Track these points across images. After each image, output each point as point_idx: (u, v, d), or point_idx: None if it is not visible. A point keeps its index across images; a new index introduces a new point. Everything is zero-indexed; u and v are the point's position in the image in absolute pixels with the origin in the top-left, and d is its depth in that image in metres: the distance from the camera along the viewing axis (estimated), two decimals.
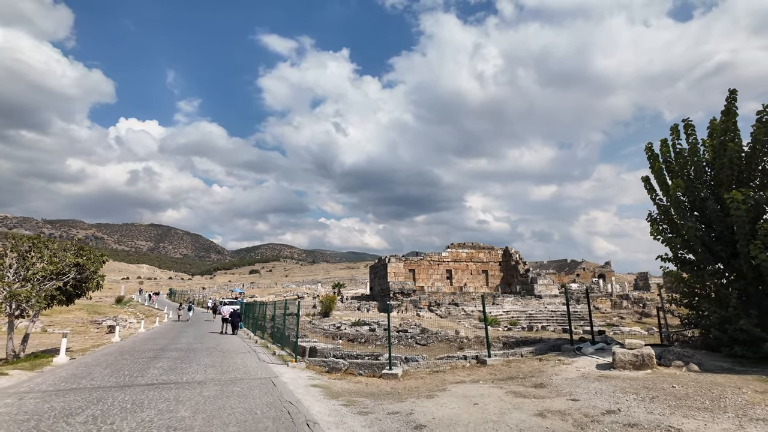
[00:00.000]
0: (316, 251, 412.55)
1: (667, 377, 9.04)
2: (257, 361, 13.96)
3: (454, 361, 12.15)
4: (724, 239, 11.72)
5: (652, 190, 13.82)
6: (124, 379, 10.66)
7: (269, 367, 12.81)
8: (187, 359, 14.32)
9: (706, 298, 12.08)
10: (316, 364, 12.92)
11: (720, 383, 8.35)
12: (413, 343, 19.33)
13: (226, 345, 19.37)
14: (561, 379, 9.58)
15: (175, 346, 18.45)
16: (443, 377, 10.87)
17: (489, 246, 63.76)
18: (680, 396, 7.52)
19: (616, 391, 8.04)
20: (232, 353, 16.23)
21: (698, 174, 12.33)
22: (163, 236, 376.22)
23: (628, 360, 10.05)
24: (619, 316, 47.76)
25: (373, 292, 62.56)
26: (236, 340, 21.75)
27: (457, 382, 10.15)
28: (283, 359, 14.35)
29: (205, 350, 17.08)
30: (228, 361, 13.85)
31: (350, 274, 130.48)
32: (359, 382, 10.89)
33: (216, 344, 19.57)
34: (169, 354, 15.77)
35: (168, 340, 21.69)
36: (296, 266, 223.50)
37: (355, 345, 19.97)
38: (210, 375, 11.35)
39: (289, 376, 11.18)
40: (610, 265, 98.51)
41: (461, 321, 42.90)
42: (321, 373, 12.09)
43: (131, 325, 33.77)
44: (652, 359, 9.98)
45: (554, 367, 10.97)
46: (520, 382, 9.50)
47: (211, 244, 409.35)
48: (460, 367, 11.86)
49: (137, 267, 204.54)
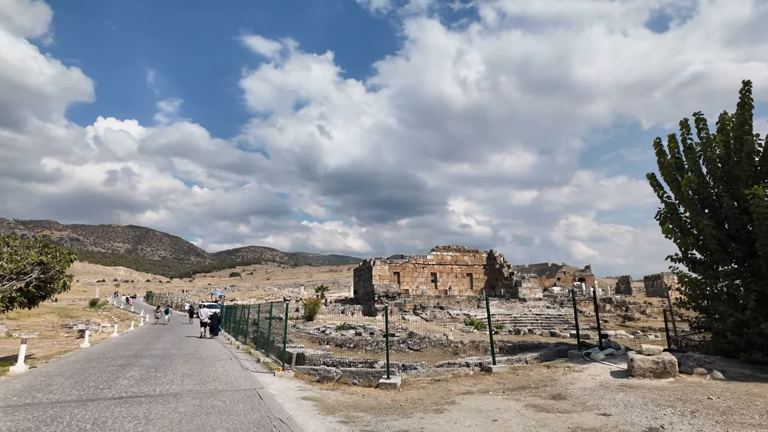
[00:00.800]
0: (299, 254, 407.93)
1: (695, 387, 8.21)
2: (240, 370, 12.70)
3: (456, 369, 11.15)
4: (740, 238, 11.03)
5: (659, 187, 13.12)
6: (87, 392, 9.33)
7: (254, 376, 11.59)
8: (162, 367, 12.98)
9: (721, 301, 11.37)
10: (305, 372, 11.76)
11: (757, 393, 7.54)
12: (405, 348, 18.32)
13: (206, 351, 18.00)
14: (578, 389, 8.66)
15: (149, 352, 17.02)
16: (447, 387, 9.85)
17: (474, 249, 63.30)
18: (723, 410, 6.66)
19: (649, 404, 7.14)
20: (212, 360, 14.91)
21: (712, 170, 11.63)
22: (142, 238, 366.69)
23: (647, 367, 9.21)
24: (602, 320, 47.54)
25: (357, 295, 61.37)
26: (216, 346, 20.37)
27: (463, 392, 9.14)
28: (268, 367, 13.12)
29: (183, 357, 15.72)
30: (208, 370, 12.56)
31: (333, 278, 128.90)
32: (355, 393, 9.79)
33: (194, 350, 18.18)
34: (142, 361, 14.37)
35: (143, 345, 20.18)
36: (278, 269, 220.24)
37: (344, 350, 18.84)
38: (187, 386, 10.09)
39: (276, 387, 10.00)
40: (590, 269, 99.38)
41: (447, 324, 42.07)
42: (311, 382, 10.94)
43: (104, 329, 31.87)
44: (674, 366, 9.15)
45: (566, 375, 10.07)
46: (535, 393, 8.54)
47: (190, 246, 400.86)
48: (463, 375, 10.87)
49: (114, 269, 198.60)
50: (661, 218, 12.68)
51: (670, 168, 12.28)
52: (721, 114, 12.38)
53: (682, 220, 12.44)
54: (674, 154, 12.74)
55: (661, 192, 13.03)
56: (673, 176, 12.23)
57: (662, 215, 12.69)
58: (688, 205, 11.49)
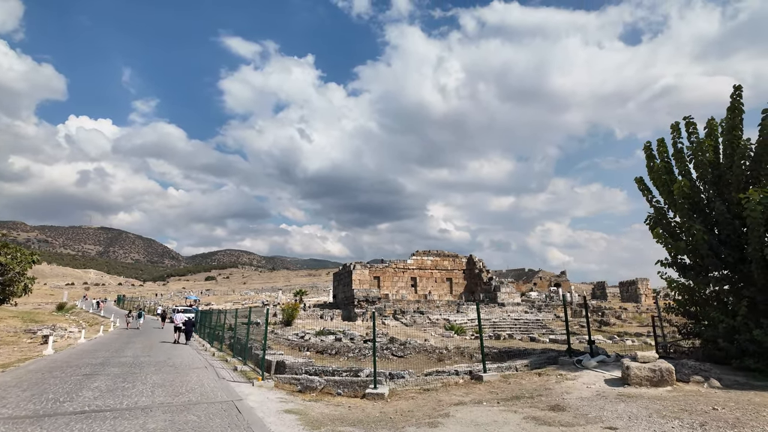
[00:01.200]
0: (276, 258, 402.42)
1: (697, 396, 7.90)
2: (216, 379, 11.90)
3: (445, 377, 10.64)
4: (730, 243, 10.90)
5: (647, 191, 12.98)
6: (45, 406, 8.44)
7: (231, 386, 10.83)
8: (131, 377, 12.07)
9: (712, 307, 11.21)
10: (286, 382, 11.05)
11: (761, 403, 7.26)
12: (389, 355, 17.74)
13: (179, 358, 17.04)
14: (576, 398, 8.27)
15: (118, 360, 15.97)
16: (437, 397, 9.33)
17: (453, 254, 63.27)
18: (732, 422, 6.32)
19: (654, 416, 6.77)
20: (186, 368, 14.02)
21: (702, 174, 11.50)
22: (114, 240, 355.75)
23: (644, 375, 8.89)
24: (579, 325, 47.92)
25: (337, 299, 60.51)
26: (190, 352, 19.38)
27: (455, 403, 8.64)
28: (246, 376, 12.35)
29: (154, 365, 14.76)
30: (181, 379, 11.71)
31: (312, 282, 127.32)
32: (340, 404, 9.17)
33: (167, 357, 17.19)
34: (109, 370, 13.39)
35: (111, 352, 19.03)
36: (255, 273, 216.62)
37: (325, 357, 18.11)
38: (158, 398, 9.28)
39: (256, 399, 9.29)
40: (565, 275, 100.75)
41: (427, 329, 41.69)
42: (293, 393, 10.26)
43: (71, 334, 30.24)
44: (672, 374, 8.85)
45: (559, 384, 9.68)
46: (532, 404, 8.10)
47: (165, 249, 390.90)
48: (452, 384, 10.37)
49: (84, 272, 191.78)
50: (651, 223, 12.51)
51: (661, 172, 12.13)
52: (709, 120, 12.31)
53: (671, 225, 12.30)
54: (663, 158, 12.62)
55: (650, 196, 12.88)
56: (663, 180, 12.08)
57: (652, 220, 12.52)
58: (679, 209, 11.33)
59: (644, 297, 54.18)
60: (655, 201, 12.71)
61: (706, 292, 11.76)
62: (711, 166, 11.51)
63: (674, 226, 12.14)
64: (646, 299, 54.29)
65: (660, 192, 12.42)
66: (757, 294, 10.41)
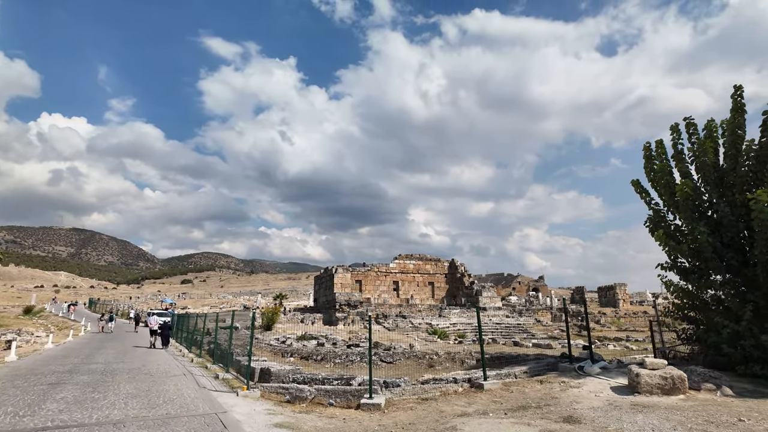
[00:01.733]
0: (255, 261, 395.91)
1: (716, 406, 7.46)
2: (196, 388, 10.96)
3: (443, 385, 10.00)
4: (734, 246, 10.61)
5: (645, 193, 12.66)
6: (3, 421, 7.45)
7: (213, 396, 9.94)
8: (102, 386, 11.03)
9: (714, 311, 10.88)
10: (273, 391, 10.22)
11: None
12: (377, 361, 17.01)
13: (155, 364, 15.95)
14: (587, 408, 7.73)
15: (88, 367, 14.81)
16: (438, 407, 8.67)
17: (436, 258, 62.97)
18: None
19: (678, 428, 6.26)
20: (163, 376, 13.00)
21: (705, 175, 11.21)
22: (86, 242, 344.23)
23: (655, 383, 8.43)
24: (560, 329, 48.07)
25: (318, 303, 59.44)
26: (167, 358, 18.25)
27: (459, 414, 8.00)
28: (229, 385, 11.44)
29: (128, 372, 13.68)
30: (158, 389, 10.74)
31: (291, 285, 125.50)
32: (334, 416, 8.41)
33: (142, 363, 16.08)
34: (78, 378, 12.28)
35: (81, 358, 17.76)
36: (233, 276, 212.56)
37: (311, 364, 17.29)
38: (133, 410, 8.36)
39: (242, 411, 8.45)
40: (543, 280, 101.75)
41: (410, 334, 41.13)
42: (281, 403, 9.44)
43: (38, 339, 28.50)
44: (684, 382, 8.41)
45: (565, 392, 9.15)
46: (542, 415, 7.52)
47: (140, 251, 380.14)
48: (452, 393, 9.73)
49: (54, 274, 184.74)
50: (651, 225, 12.17)
51: (662, 173, 11.81)
52: (708, 121, 12.07)
53: (671, 227, 11.99)
54: (662, 159, 12.33)
55: (648, 198, 12.57)
56: (665, 181, 11.76)
57: (652, 222, 12.18)
58: (682, 210, 10.98)
59: (622, 302, 54.80)
60: (654, 203, 12.40)
61: (707, 296, 11.46)
62: (713, 168, 11.24)
63: (674, 229, 11.83)
64: (624, 304, 54.93)
65: (660, 193, 12.10)
66: (762, 298, 10.11)
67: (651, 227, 12.12)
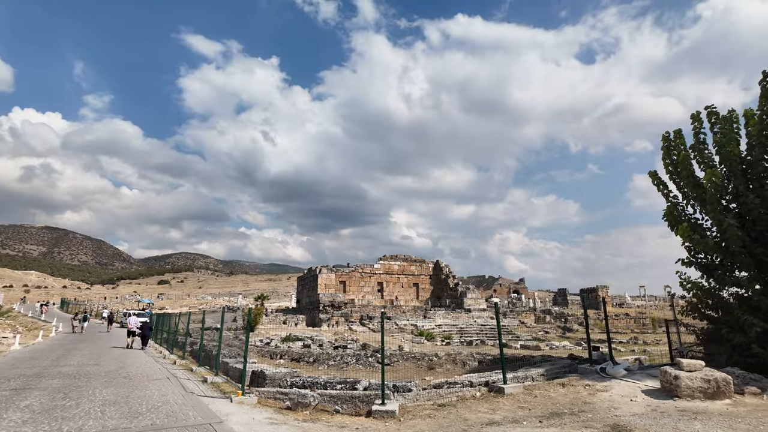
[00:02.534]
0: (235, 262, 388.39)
1: None
2: (183, 393, 9.71)
3: (459, 390, 9.05)
4: (764, 240, 10.00)
5: (662, 185, 12.02)
6: None
7: (204, 403, 8.74)
8: (74, 391, 9.69)
9: (738, 309, 10.24)
10: (270, 396, 9.10)
11: None
12: (374, 363, 15.94)
13: (134, 366, 14.54)
14: (631, 416, 6.89)
15: (59, 370, 13.34)
16: (460, 414, 7.71)
17: (420, 259, 62.27)
18: None
19: None
20: (144, 380, 11.67)
21: (731, 166, 10.58)
22: (59, 240, 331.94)
23: (697, 386, 7.66)
24: (543, 331, 47.84)
25: (301, 304, 57.97)
26: (147, 360, 16.82)
27: (487, 423, 7.06)
28: (219, 389, 10.23)
29: (104, 375, 12.30)
30: (139, 394, 9.47)
31: (272, 287, 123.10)
32: (344, 426, 7.36)
33: (119, 365, 14.66)
34: (47, 383, 10.88)
35: (51, 360, 16.19)
36: (211, 277, 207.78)
37: (302, 366, 16.12)
38: (111, 420, 7.13)
39: (240, 420, 7.31)
40: (524, 282, 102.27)
41: (395, 335, 40.24)
42: (281, 411, 8.33)
43: (4, 340, 26.45)
44: (729, 386, 7.67)
45: (594, 396, 8.31)
46: (583, 423, 6.65)
47: (115, 251, 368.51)
48: (469, 398, 8.79)
49: (24, 274, 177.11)
50: (670, 219, 11.50)
51: (684, 164, 11.15)
52: (729, 110, 11.50)
53: (691, 221, 11.35)
54: (681, 150, 11.71)
55: (666, 191, 11.92)
56: (687, 172, 11.11)
57: (671, 216, 11.52)
58: (710, 203, 10.31)
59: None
60: (673, 196, 11.76)
61: (728, 294, 10.84)
62: (739, 159, 10.64)
63: (696, 223, 11.19)
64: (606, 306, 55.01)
65: (681, 186, 11.46)
66: None
67: (670, 221, 11.46)
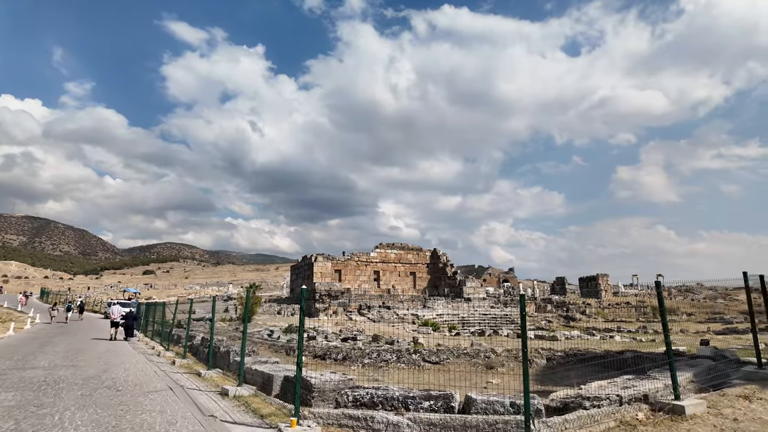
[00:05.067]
0: (221, 252, 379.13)
1: None
2: (201, 418, 6.40)
3: (610, 409, 6.04)
4: None
5: None
6: None
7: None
8: (36, 415, 6.32)
9: None
10: (336, 422, 5.93)
11: None
12: (420, 361, 12.77)
13: (122, 369, 11.08)
14: None
15: (21, 375, 9.83)
16: None
17: (417, 247, 59.53)
18: None
19: None
20: (138, 392, 8.27)
21: None
22: (40, 230, 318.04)
23: None
24: (546, 320, 45.61)
25: (294, 294, 54.65)
26: (138, 359, 13.36)
27: None
28: (250, 408, 6.91)
29: (82, 384, 8.86)
30: (133, 421, 6.13)
31: (260, 277, 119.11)
32: None
33: (102, 367, 11.19)
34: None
35: (16, 359, 12.60)
36: (198, 267, 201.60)
37: (329, 364, 12.90)
38: None
39: None
40: (513, 272, 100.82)
41: (395, 325, 37.40)
42: None
43: None
44: None
45: None
46: None
47: (99, 240, 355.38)
48: (635, 423, 5.76)
49: (4, 264, 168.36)
50: None
51: None
52: None
53: None
54: None
55: None
56: None
57: None
58: None
59: (604, 292, 53.18)
60: None
61: None
62: None
63: None
64: (606, 294, 53.35)
65: None
66: None
67: None
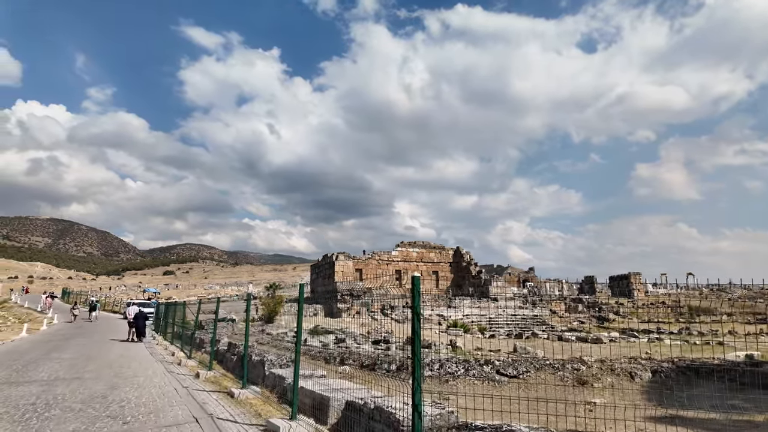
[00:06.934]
0: (239, 253, 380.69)
1: None
2: None
3: None
4: None
5: None
6: None
7: None
8: None
9: None
10: None
11: None
12: (493, 374, 10.36)
13: (135, 386, 8.90)
14: None
15: (10, 392, 7.70)
16: None
17: (440, 246, 57.00)
18: None
19: None
20: (150, 425, 6.06)
21: None
22: (65, 232, 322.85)
23: None
24: (578, 321, 42.67)
25: (315, 293, 52.50)
26: (154, 369, 11.20)
27: None
28: None
29: (77, 412, 6.67)
30: None
31: (278, 277, 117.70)
32: None
33: (112, 382, 9.04)
34: None
35: (12, 369, 10.53)
36: (217, 267, 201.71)
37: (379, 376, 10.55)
38: None
39: None
40: (533, 271, 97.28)
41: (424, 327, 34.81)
42: None
43: None
44: None
45: None
46: None
47: (121, 242, 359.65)
48: None
49: (30, 265, 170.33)
50: None
51: None
52: None
53: None
54: None
55: None
56: None
57: None
58: None
59: (636, 292, 49.97)
60: None
61: None
62: None
63: None
64: (639, 294, 50.12)
65: None
66: None
67: None
